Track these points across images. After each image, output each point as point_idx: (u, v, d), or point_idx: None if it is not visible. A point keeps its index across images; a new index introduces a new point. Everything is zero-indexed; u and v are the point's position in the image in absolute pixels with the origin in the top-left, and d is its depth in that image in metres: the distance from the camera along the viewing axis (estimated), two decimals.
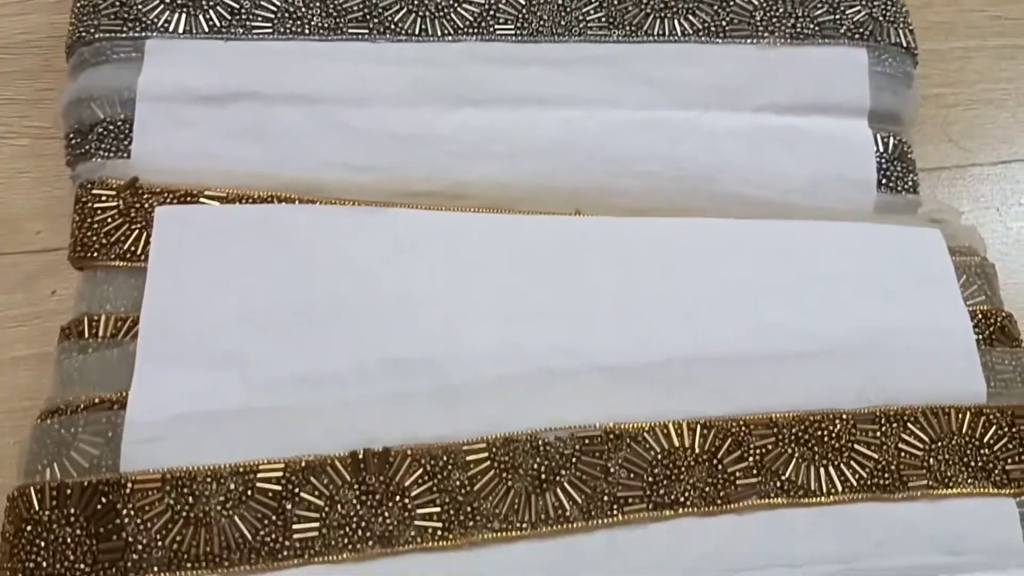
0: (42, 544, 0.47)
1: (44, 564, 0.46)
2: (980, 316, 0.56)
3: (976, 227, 0.60)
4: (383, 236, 0.54)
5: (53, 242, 0.59)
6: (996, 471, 0.52)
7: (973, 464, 0.52)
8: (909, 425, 0.52)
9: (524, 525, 0.48)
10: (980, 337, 0.55)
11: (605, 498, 0.49)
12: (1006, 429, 0.53)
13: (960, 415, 0.53)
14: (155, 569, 0.47)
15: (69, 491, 0.47)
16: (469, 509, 0.49)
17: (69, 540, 0.47)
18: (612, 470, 0.50)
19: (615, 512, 0.49)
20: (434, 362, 0.51)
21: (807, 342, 0.53)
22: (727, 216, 0.57)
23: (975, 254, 0.58)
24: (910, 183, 0.60)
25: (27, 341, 0.57)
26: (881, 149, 0.60)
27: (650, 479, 0.50)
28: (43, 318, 0.57)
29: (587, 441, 0.50)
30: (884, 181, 0.60)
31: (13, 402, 0.55)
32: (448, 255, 0.54)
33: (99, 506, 0.47)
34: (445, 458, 0.49)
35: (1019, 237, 0.64)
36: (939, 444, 0.52)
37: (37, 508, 0.47)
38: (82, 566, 0.47)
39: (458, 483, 0.49)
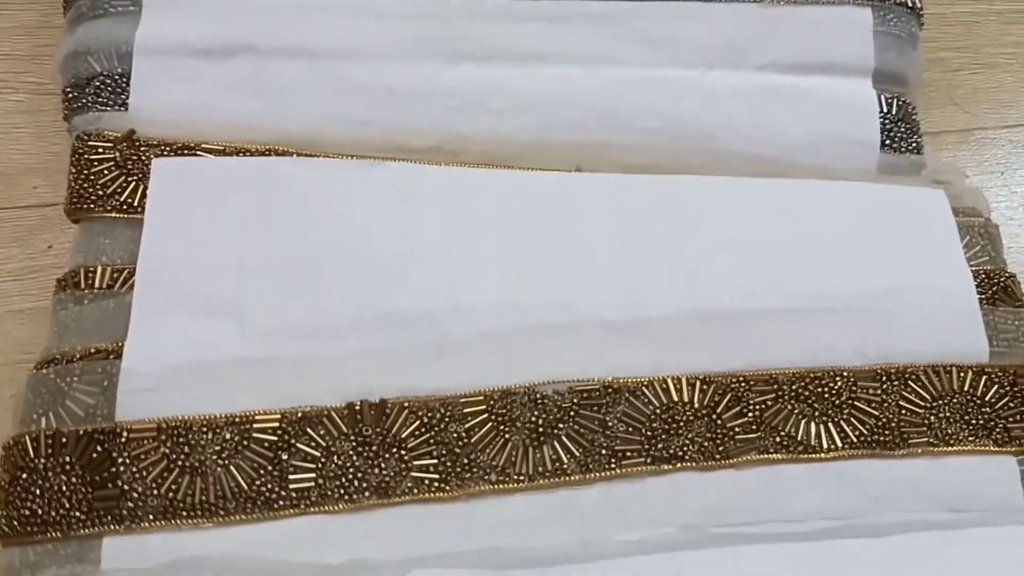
0: (37, 492, 0.47)
1: (39, 511, 0.46)
2: (983, 276, 0.55)
3: (981, 189, 0.60)
4: (381, 189, 0.53)
5: (50, 197, 0.58)
6: (997, 429, 0.51)
7: (974, 422, 0.52)
8: (910, 383, 0.52)
9: (521, 477, 0.48)
10: (983, 297, 0.55)
11: (603, 451, 0.49)
12: (1008, 388, 0.52)
13: (962, 374, 0.52)
14: (150, 517, 0.46)
15: (64, 439, 0.47)
16: (466, 461, 0.48)
17: (64, 488, 0.47)
18: (610, 424, 0.50)
19: (613, 466, 0.49)
20: (431, 316, 0.51)
21: (806, 299, 0.53)
22: (728, 175, 0.57)
23: (979, 215, 0.58)
24: (914, 144, 0.60)
25: (24, 295, 0.56)
26: (885, 110, 0.60)
27: (648, 433, 0.50)
28: (40, 272, 0.57)
29: (585, 395, 0.50)
30: (888, 142, 0.59)
31: (10, 355, 0.55)
32: (446, 209, 0.53)
33: (94, 454, 0.47)
34: (442, 411, 0.49)
35: (1023, 201, 0.63)
36: (940, 402, 0.52)
37: (32, 456, 0.47)
38: (77, 513, 0.46)
39: (455, 435, 0.49)
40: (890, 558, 0.46)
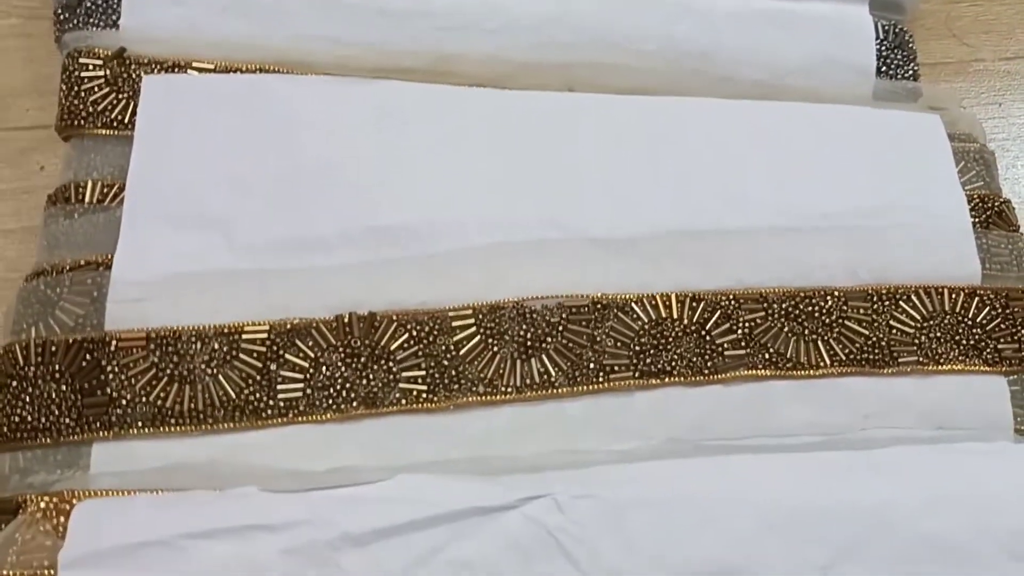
0: (27, 399, 0.47)
1: (29, 418, 0.46)
2: (977, 200, 0.55)
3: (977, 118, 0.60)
4: (370, 106, 0.53)
5: (42, 119, 0.58)
6: (988, 350, 0.51)
7: (965, 342, 0.51)
8: (901, 303, 0.52)
9: (508, 390, 0.48)
10: (977, 220, 0.54)
11: (591, 365, 0.49)
12: (1000, 310, 0.52)
13: (954, 295, 0.52)
14: (139, 424, 0.47)
15: (54, 348, 0.47)
16: (454, 373, 0.48)
17: (54, 395, 0.47)
18: (598, 339, 0.49)
19: (600, 379, 0.49)
20: (419, 231, 0.50)
21: (798, 219, 0.52)
22: (722, 98, 0.56)
23: (974, 141, 0.57)
24: (910, 72, 0.59)
25: (16, 215, 0.56)
26: (881, 36, 0.59)
27: (637, 348, 0.49)
28: (31, 193, 0.57)
29: (574, 310, 0.50)
30: (884, 68, 0.59)
31: (1, 273, 0.55)
32: (436, 126, 0.53)
33: (84, 363, 0.47)
34: (431, 324, 0.49)
35: (1021, 132, 0.63)
36: (931, 322, 0.52)
37: (22, 364, 0.47)
38: (67, 420, 0.47)
39: (443, 348, 0.49)
40: (875, 468, 0.46)
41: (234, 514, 0.42)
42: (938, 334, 0.51)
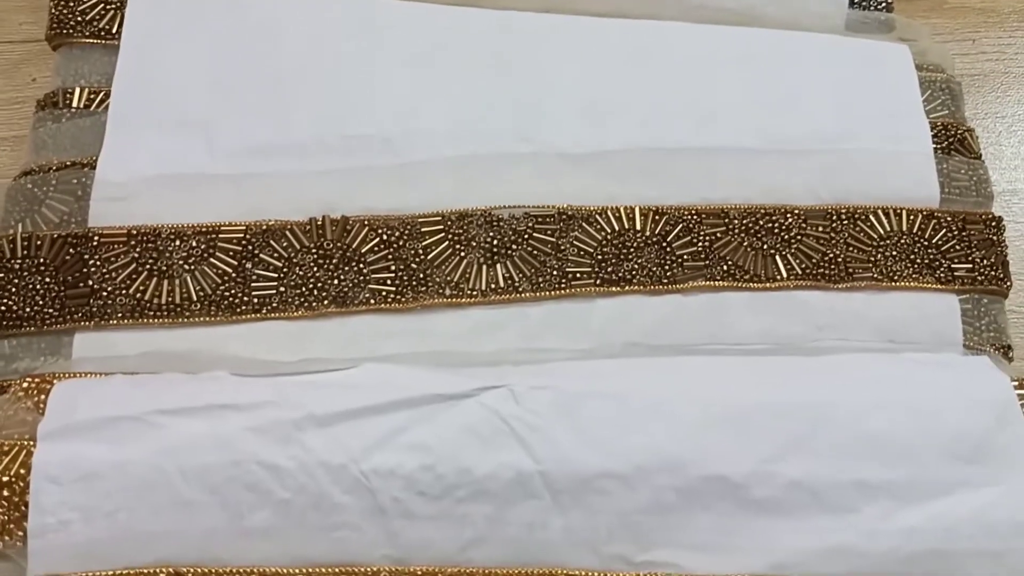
0: (13, 289, 0.49)
1: (15, 307, 0.49)
2: (940, 127, 0.56)
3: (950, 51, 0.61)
4: (349, 18, 0.54)
5: (35, 33, 0.60)
6: (942, 269, 0.53)
7: (920, 261, 0.53)
8: (860, 223, 0.53)
9: (474, 293, 0.50)
10: (938, 147, 0.56)
11: (554, 272, 0.51)
12: (956, 232, 0.53)
13: (912, 216, 0.54)
14: (119, 315, 0.49)
15: (39, 242, 0.49)
16: (422, 276, 0.50)
17: (39, 287, 0.49)
18: (563, 247, 0.51)
19: (563, 286, 0.50)
20: (392, 140, 0.52)
21: (762, 140, 0.54)
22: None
23: (942, 71, 0.58)
24: (883, 4, 0.60)
25: (8, 124, 0.58)
26: None
27: (599, 257, 0.51)
28: (23, 103, 0.59)
29: (540, 219, 0.51)
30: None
31: None
32: (413, 40, 0.55)
33: (67, 257, 0.49)
34: (401, 228, 0.51)
35: (994, 67, 0.64)
36: (888, 241, 0.53)
37: (9, 257, 0.49)
38: (50, 310, 0.49)
39: (412, 252, 0.51)
40: (824, 371, 0.47)
41: (205, 394, 0.44)
42: (894, 252, 0.53)
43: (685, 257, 0.52)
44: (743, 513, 0.44)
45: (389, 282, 0.50)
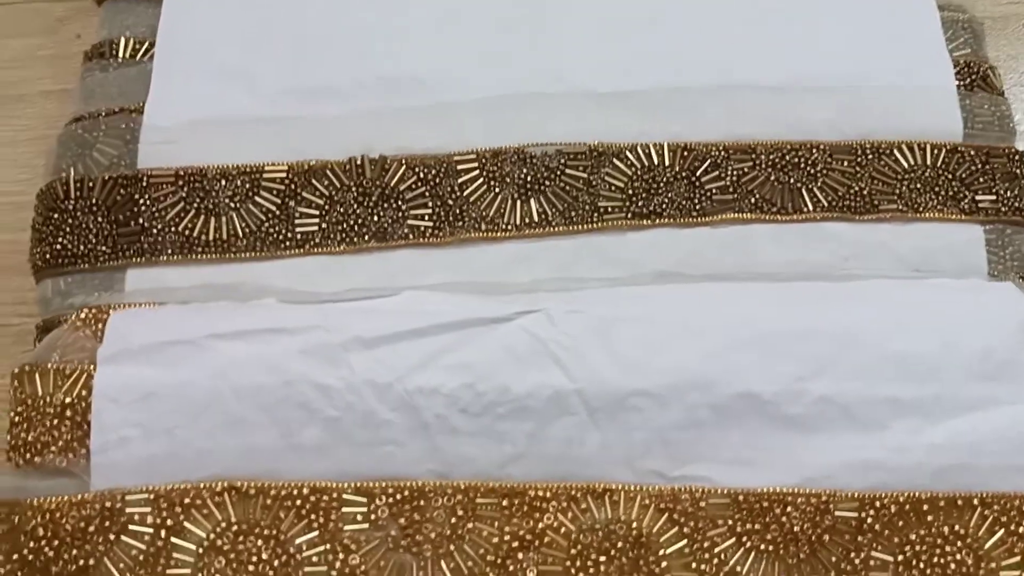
0: (67, 229, 0.51)
1: (69, 246, 0.51)
2: (963, 64, 0.57)
3: None
4: None
5: None
6: (966, 200, 0.54)
7: (944, 193, 0.54)
8: (884, 157, 0.54)
9: (509, 227, 0.52)
10: (961, 84, 0.56)
11: (586, 207, 0.52)
12: (979, 166, 0.54)
13: (936, 150, 0.55)
14: (169, 251, 0.51)
15: (92, 184, 0.52)
16: (458, 212, 0.52)
17: (91, 226, 0.51)
18: (594, 183, 0.53)
19: (595, 219, 0.52)
20: (426, 81, 0.54)
21: (787, 77, 0.55)
22: None
23: (964, 11, 0.59)
24: None
25: (54, 78, 0.60)
26: None
27: (630, 192, 0.53)
28: (69, 59, 0.60)
29: (571, 156, 0.53)
30: None
31: (41, 130, 0.59)
32: None
33: (118, 197, 0.52)
34: (437, 167, 0.53)
35: (1016, 11, 0.64)
36: (913, 175, 0.54)
37: (63, 198, 0.51)
38: (103, 248, 0.51)
39: (448, 189, 0.52)
40: (849, 295, 0.48)
41: (255, 319, 0.46)
42: (918, 185, 0.54)
43: (714, 191, 0.53)
44: (774, 429, 0.46)
45: (427, 218, 0.52)
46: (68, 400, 0.45)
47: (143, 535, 0.43)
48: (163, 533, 0.43)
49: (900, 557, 0.45)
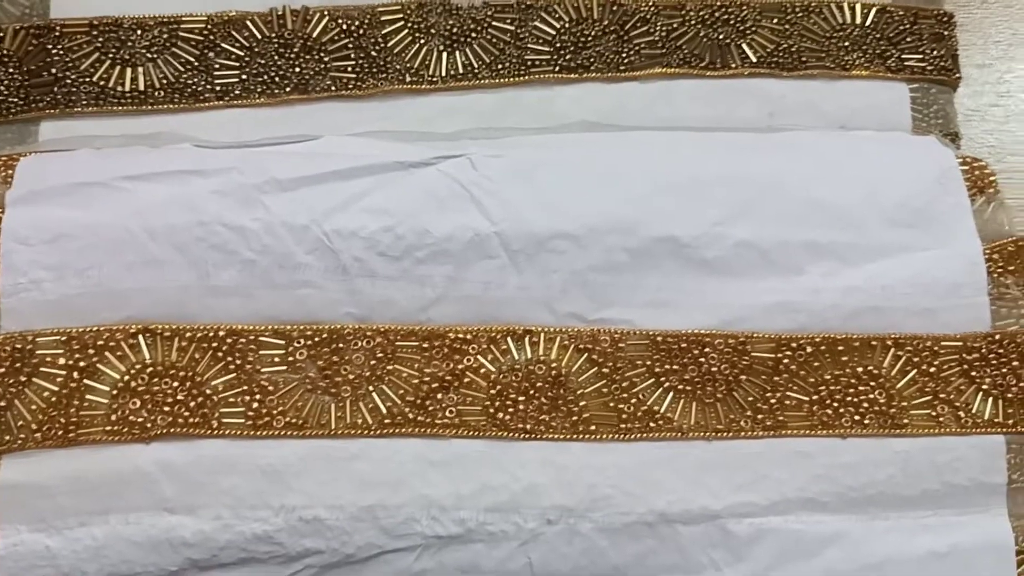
0: None
1: None
2: None
3: None
4: None
5: None
6: (892, 58, 0.54)
7: (872, 51, 0.54)
8: (814, 16, 0.54)
9: (435, 79, 0.51)
10: None
11: (513, 60, 0.52)
12: (908, 26, 0.54)
13: (865, 9, 0.54)
14: (83, 103, 0.50)
15: (2, 34, 0.50)
16: (382, 63, 0.51)
17: (2, 77, 0.50)
18: (522, 36, 0.52)
19: (522, 72, 0.51)
20: None
21: None
22: None
23: None
24: None
25: None
26: None
27: (558, 45, 0.52)
28: None
29: (499, 8, 0.52)
30: None
31: None
32: None
33: (30, 48, 0.50)
34: (360, 18, 0.51)
35: None
36: (842, 33, 0.54)
37: None
38: (15, 99, 0.49)
39: (372, 40, 0.51)
40: (775, 144, 0.49)
41: (169, 162, 0.45)
42: (847, 44, 0.54)
43: (642, 45, 0.52)
44: (693, 272, 0.46)
45: (350, 69, 0.51)
46: None
47: (55, 376, 0.43)
48: (76, 375, 0.43)
49: (815, 396, 0.46)
